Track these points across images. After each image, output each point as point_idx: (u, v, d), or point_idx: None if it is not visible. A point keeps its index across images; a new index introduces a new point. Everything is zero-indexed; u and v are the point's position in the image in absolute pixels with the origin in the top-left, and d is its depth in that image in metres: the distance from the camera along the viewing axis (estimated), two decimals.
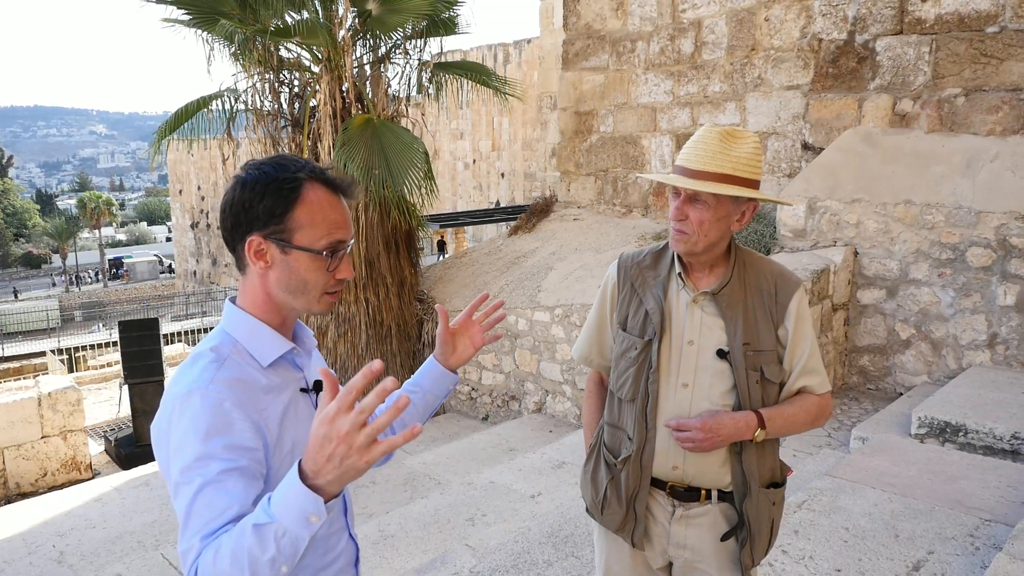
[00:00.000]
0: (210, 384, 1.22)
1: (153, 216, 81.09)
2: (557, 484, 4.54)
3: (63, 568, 4.67)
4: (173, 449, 1.19)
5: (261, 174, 1.30)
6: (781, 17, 6.62)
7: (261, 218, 1.29)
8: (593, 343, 1.99)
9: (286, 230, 1.29)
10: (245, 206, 1.29)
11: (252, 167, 1.32)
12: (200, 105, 7.54)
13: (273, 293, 1.34)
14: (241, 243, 1.31)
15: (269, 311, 1.35)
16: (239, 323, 1.34)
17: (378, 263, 7.23)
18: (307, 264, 1.31)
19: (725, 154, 1.66)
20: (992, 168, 5.19)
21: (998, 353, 5.00)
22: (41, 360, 15.61)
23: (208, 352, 1.29)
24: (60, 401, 7.47)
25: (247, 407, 1.23)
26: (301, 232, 1.30)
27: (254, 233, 1.29)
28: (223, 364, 1.26)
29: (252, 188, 1.29)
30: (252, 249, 1.30)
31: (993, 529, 3.03)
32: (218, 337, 1.32)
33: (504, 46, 23.01)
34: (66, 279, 50.01)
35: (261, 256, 1.31)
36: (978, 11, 5.43)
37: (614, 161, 8.24)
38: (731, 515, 1.79)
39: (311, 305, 1.35)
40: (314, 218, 1.30)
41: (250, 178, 1.30)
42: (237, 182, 1.32)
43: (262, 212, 1.28)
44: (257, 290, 1.34)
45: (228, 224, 1.33)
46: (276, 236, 1.29)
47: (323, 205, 1.31)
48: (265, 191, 1.28)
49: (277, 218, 1.28)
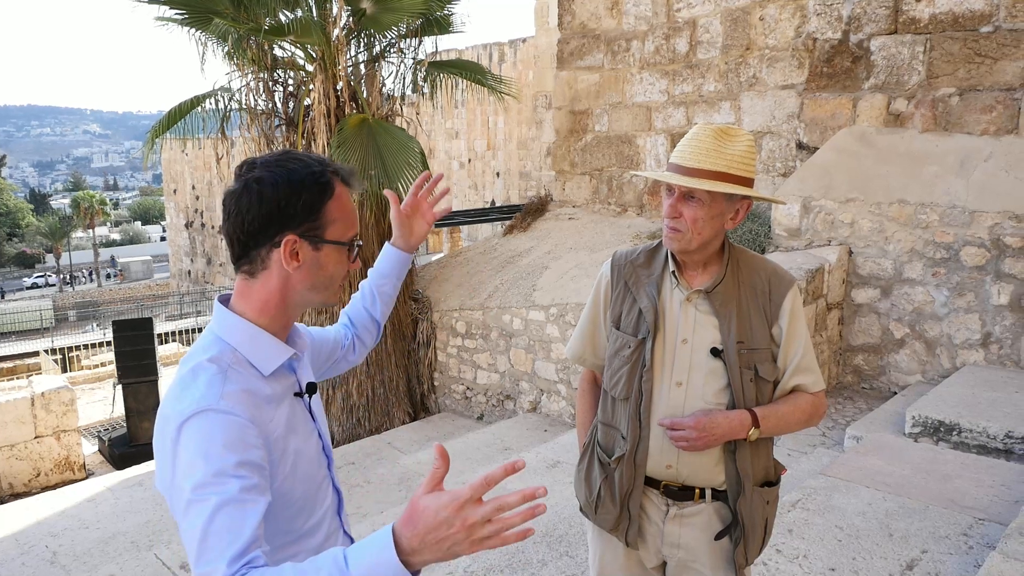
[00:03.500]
0: (221, 400, 1.15)
1: (147, 215, 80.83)
2: (552, 483, 4.53)
3: (56, 569, 4.64)
4: (182, 469, 1.11)
5: (289, 171, 1.25)
6: (776, 16, 6.62)
7: (299, 215, 1.25)
8: (587, 342, 1.98)
9: (319, 226, 1.27)
10: (281, 205, 1.23)
11: (265, 167, 1.26)
12: (194, 104, 7.51)
13: (295, 293, 1.29)
14: (267, 246, 1.25)
15: (277, 316, 1.30)
16: (235, 329, 1.27)
17: (373, 262, 7.21)
18: (335, 258, 1.31)
19: (719, 152, 1.66)
20: (986, 168, 5.20)
21: (992, 352, 5.01)
22: (35, 360, 15.54)
23: (207, 364, 1.21)
24: (53, 401, 7.44)
25: (258, 422, 1.19)
26: (333, 227, 1.29)
27: (288, 232, 1.24)
28: (227, 376, 1.20)
29: (287, 186, 1.23)
30: (288, 249, 1.25)
31: (987, 528, 3.03)
32: (215, 346, 1.26)
33: (499, 45, 22.99)
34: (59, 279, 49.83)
35: (295, 256, 1.26)
36: (972, 11, 5.44)
37: (609, 160, 8.24)
38: (725, 514, 1.79)
39: (330, 298, 1.35)
40: (344, 211, 1.30)
41: (278, 177, 1.24)
42: (257, 183, 1.24)
43: (300, 209, 1.24)
44: (272, 293, 1.28)
45: (255, 227, 1.24)
46: (311, 233, 1.26)
47: (346, 198, 1.33)
48: (302, 188, 1.24)
49: (315, 214, 1.26)
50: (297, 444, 1.28)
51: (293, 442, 1.27)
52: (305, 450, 1.31)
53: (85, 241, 60.10)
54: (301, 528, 1.31)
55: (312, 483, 1.33)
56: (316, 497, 1.35)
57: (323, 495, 1.37)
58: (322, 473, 1.38)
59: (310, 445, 1.34)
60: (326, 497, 1.39)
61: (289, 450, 1.25)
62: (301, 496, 1.29)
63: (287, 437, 1.25)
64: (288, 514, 1.28)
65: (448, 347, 7.48)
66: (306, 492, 1.31)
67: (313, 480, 1.34)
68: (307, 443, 1.32)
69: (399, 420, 7.37)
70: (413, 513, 0.99)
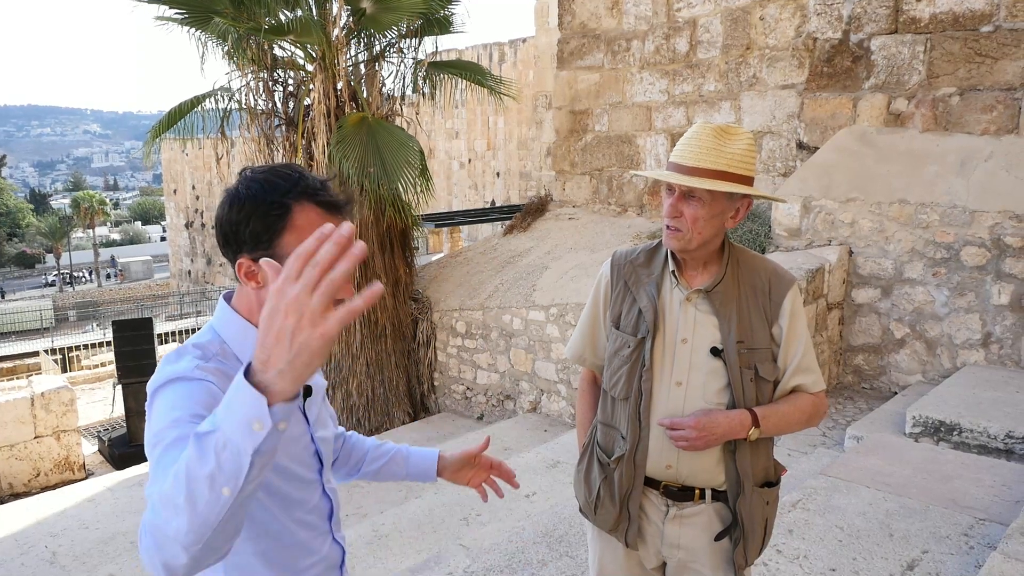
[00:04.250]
0: (195, 370, 1.18)
1: (147, 215, 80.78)
2: (552, 483, 4.53)
3: (55, 569, 4.64)
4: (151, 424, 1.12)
5: (249, 194, 1.23)
6: (776, 16, 6.62)
7: (248, 242, 1.23)
8: (586, 342, 1.97)
9: (275, 255, 1.21)
10: (232, 228, 1.24)
11: (244, 182, 1.26)
12: (194, 104, 7.51)
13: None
14: (233, 262, 1.27)
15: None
16: (229, 323, 1.31)
17: (372, 262, 7.20)
18: None
19: (719, 151, 1.65)
20: (986, 167, 5.20)
21: (992, 352, 5.00)
22: (35, 360, 15.54)
23: (192, 348, 1.26)
24: (53, 401, 7.44)
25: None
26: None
27: (243, 255, 1.24)
28: (208, 360, 1.24)
29: (240, 210, 1.23)
30: (242, 271, 1.26)
31: (987, 528, 3.03)
32: (207, 335, 1.30)
33: (499, 45, 22.96)
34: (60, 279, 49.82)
35: (252, 277, 1.26)
36: (972, 10, 5.44)
37: (609, 160, 8.24)
38: (725, 514, 1.78)
39: None
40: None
41: (239, 197, 1.24)
42: (227, 198, 1.26)
43: (248, 237, 1.23)
44: (252, 301, 1.30)
45: (220, 241, 1.28)
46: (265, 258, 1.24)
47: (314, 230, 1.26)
48: (252, 215, 1.22)
49: (264, 243, 1.22)
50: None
51: None
52: (286, 448, 1.30)
53: (85, 241, 60.08)
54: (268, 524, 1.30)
55: (293, 480, 1.33)
56: (297, 497, 1.34)
57: (308, 496, 1.36)
58: (311, 476, 1.37)
59: (297, 445, 1.34)
60: (311, 499, 1.37)
61: None
62: (275, 490, 1.29)
63: None
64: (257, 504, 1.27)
65: (448, 347, 7.48)
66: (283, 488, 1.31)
67: (295, 478, 1.33)
68: (293, 442, 1.33)
69: (399, 420, 7.37)
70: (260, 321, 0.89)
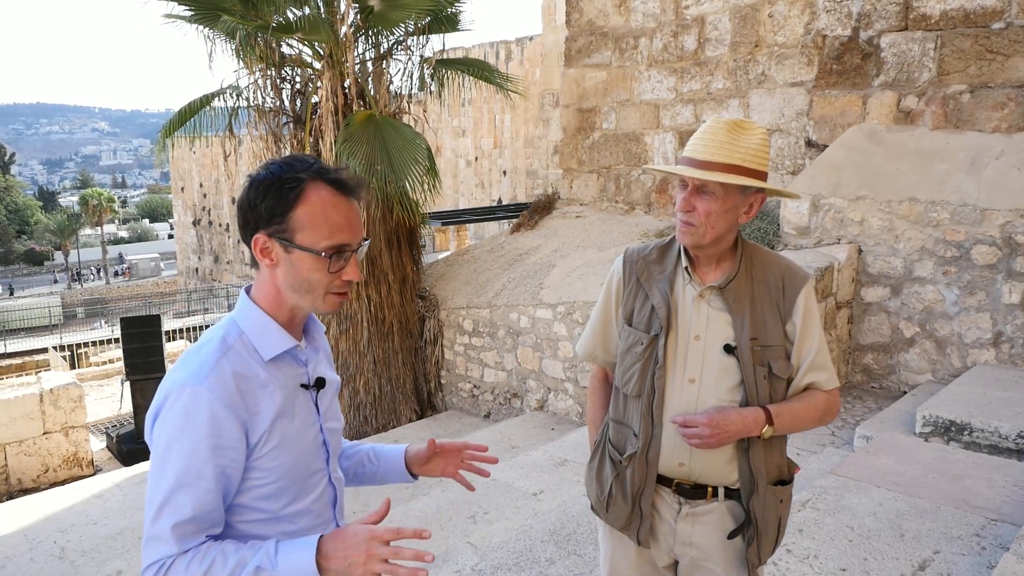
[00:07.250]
0: (206, 379, 1.28)
1: (155, 213, 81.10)
2: (559, 482, 4.52)
3: (64, 564, 4.65)
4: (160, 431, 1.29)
5: (268, 174, 1.34)
6: (785, 13, 6.59)
7: (264, 217, 1.33)
8: (598, 339, 1.96)
9: (288, 229, 1.32)
10: (251, 204, 1.34)
11: (265, 166, 1.37)
12: (204, 103, 7.52)
13: (282, 290, 1.38)
14: (250, 240, 1.37)
15: (279, 307, 1.39)
16: (248, 315, 1.39)
17: (380, 260, 7.20)
18: (310, 264, 1.33)
19: (733, 145, 1.64)
20: (997, 165, 5.16)
21: (1003, 351, 4.97)
22: (43, 356, 15.63)
23: (213, 340, 1.35)
24: (62, 397, 7.46)
25: (237, 407, 1.29)
26: (303, 232, 1.32)
27: (260, 231, 1.34)
28: (226, 354, 1.32)
29: (258, 188, 1.33)
30: (258, 246, 1.35)
31: (999, 528, 3.00)
32: (227, 326, 1.38)
33: (506, 43, 22.94)
34: (69, 275, 50.03)
35: (267, 254, 1.35)
36: (983, 7, 5.40)
37: (616, 158, 8.21)
38: (738, 513, 1.77)
39: (316, 304, 1.38)
40: (315, 219, 1.32)
41: (258, 178, 1.34)
42: (248, 181, 1.36)
43: (264, 211, 1.32)
44: (268, 285, 1.39)
45: (239, 222, 1.38)
46: (279, 235, 1.33)
47: (325, 206, 1.33)
48: (268, 190, 1.32)
49: (279, 217, 1.32)
50: (287, 429, 1.36)
51: (283, 425, 1.35)
52: (298, 437, 1.39)
53: (93, 239, 60.28)
54: (278, 511, 1.38)
55: (302, 470, 1.40)
56: (305, 485, 1.41)
57: (314, 485, 1.44)
58: (318, 465, 1.45)
59: (307, 435, 1.41)
60: (318, 487, 1.45)
61: (275, 431, 1.33)
62: (284, 478, 1.36)
63: (276, 420, 1.34)
64: (264, 492, 1.35)
65: (455, 345, 7.48)
66: (292, 477, 1.38)
67: (304, 468, 1.40)
68: (304, 432, 1.40)
69: (406, 418, 7.37)
70: (344, 531, 1.27)
